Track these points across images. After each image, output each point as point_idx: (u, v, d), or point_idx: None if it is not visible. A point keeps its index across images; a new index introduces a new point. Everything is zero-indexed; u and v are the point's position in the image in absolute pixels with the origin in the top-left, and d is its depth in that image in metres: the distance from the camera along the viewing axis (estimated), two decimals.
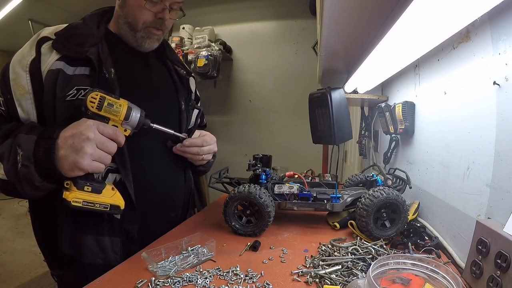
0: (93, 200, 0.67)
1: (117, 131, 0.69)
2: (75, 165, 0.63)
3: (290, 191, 0.88)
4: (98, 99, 0.67)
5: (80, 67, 0.76)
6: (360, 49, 0.86)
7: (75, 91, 0.74)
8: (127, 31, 0.86)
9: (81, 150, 0.63)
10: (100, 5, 0.93)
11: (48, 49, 0.75)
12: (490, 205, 0.61)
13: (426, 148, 0.96)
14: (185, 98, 0.99)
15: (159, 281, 0.60)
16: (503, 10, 0.56)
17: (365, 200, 0.80)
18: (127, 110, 0.70)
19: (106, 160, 0.67)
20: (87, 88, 0.74)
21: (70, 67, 0.75)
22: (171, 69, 0.99)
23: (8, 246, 2.89)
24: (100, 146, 0.66)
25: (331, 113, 0.93)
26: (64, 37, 0.77)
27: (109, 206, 0.69)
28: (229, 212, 0.84)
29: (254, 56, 3.05)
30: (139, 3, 0.81)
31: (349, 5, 0.64)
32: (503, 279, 0.49)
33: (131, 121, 0.71)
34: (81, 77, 0.76)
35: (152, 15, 0.83)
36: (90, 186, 0.67)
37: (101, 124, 0.67)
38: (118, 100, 0.69)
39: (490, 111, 0.61)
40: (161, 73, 0.96)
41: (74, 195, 0.65)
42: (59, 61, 0.75)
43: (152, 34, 0.86)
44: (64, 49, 0.75)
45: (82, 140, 0.63)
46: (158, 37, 0.89)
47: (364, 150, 1.82)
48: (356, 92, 1.46)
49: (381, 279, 0.48)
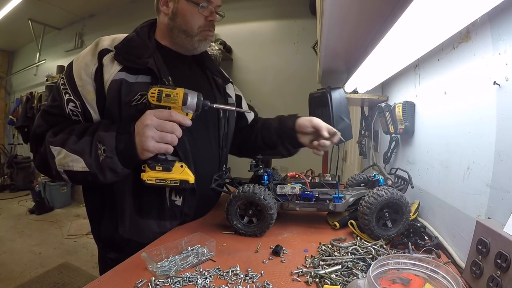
0: (164, 177, 0.79)
1: (172, 113, 0.77)
2: (143, 148, 0.76)
3: (292, 191, 0.88)
4: (157, 93, 0.77)
5: (141, 75, 0.86)
6: (360, 49, 0.86)
7: (139, 96, 0.83)
8: (183, 39, 0.95)
9: (144, 135, 0.75)
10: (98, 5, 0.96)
11: (110, 61, 0.85)
12: (490, 205, 0.61)
13: (426, 148, 0.96)
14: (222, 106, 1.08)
15: (159, 281, 0.59)
16: (503, 10, 0.56)
17: (369, 198, 0.79)
18: (184, 96, 0.78)
19: (169, 138, 0.77)
20: None
21: (131, 76, 0.85)
22: (210, 78, 1.08)
23: (8, 246, 2.90)
24: (159, 128, 0.76)
25: (331, 113, 0.93)
26: (123, 50, 0.86)
27: (179, 181, 0.79)
28: (232, 211, 0.84)
29: (254, 56, 3.05)
30: (192, 11, 0.91)
31: (349, 5, 0.64)
32: (503, 279, 0.49)
33: (190, 105, 0.79)
34: (144, 84, 0.85)
35: (204, 19, 0.93)
36: (161, 166, 0.79)
37: (157, 111, 0.77)
38: (174, 89, 0.78)
39: (490, 111, 0.61)
40: (202, 82, 1.06)
41: (148, 175, 0.78)
42: (121, 71, 0.84)
43: (207, 36, 0.97)
44: (126, 61, 0.85)
45: (143, 127, 0.75)
46: (211, 38, 1.00)
47: (364, 150, 1.82)
48: (356, 92, 1.46)
49: (381, 279, 0.48)
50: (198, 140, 0.96)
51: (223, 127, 1.06)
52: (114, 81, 0.84)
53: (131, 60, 0.85)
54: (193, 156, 0.91)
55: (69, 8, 4.31)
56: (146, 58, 0.86)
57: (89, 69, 0.84)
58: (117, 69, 0.84)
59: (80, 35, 4.63)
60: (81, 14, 4.48)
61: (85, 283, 0.60)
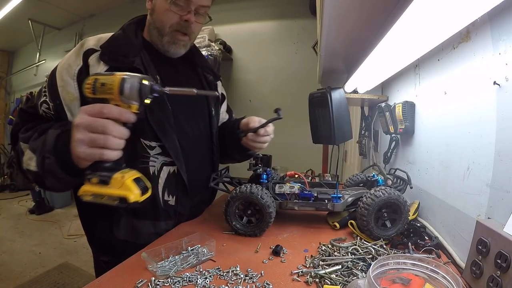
0: (101, 192, 0.59)
1: (104, 106, 0.59)
2: (76, 153, 0.61)
3: (291, 191, 0.88)
4: (92, 83, 0.59)
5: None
6: (360, 49, 0.86)
7: None
8: (156, 37, 0.90)
9: (73, 139, 0.61)
10: (98, 5, 0.96)
11: (96, 61, 0.81)
12: (490, 205, 0.61)
13: (426, 148, 0.96)
14: (214, 103, 1.05)
15: (159, 281, 0.59)
16: (504, 10, 0.56)
17: (367, 199, 0.80)
18: (119, 83, 0.58)
19: (101, 141, 0.59)
20: None
21: None
22: (201, 75, 1.04)
23: (8, 246, 2.89)
24: (89, 128, 0.60)
25: (331, 113, 0.93)
26: (109, 50, 0.82)
27: (117, 199, 0.59)
28: (231, 212, 0.84)
29: (254, 56, 3.05)
30: (165, 7, 0.84)
31: (349, 5, 0.64)
32: (503, 279, 0.49)
33: (129, 94, 0.58)
34: None
35: (178, 18, 0.86)
36: (98, 177, 0.59)
37: (89, 106, 0.60)
38: (111, 76, 0.59)
39: (490, 111, 0.61)
40: (192, 80, 1.02)
41: (84, 189, 0.59)
42: (108, 71, 0.79)
43: (178, 40, 0.89)
44: (112, 61, 0.81)
45: (73, 129, 0.61)
46: (184, 43, 0.91)
47: (364, 150, 1.82)
48: (356, 92, 1.46)
49: (381, 279, 0.48)
50: (190, 137, 0.95)
51: (215, 125, 1.05)
52: None
53: (117, 59, 0.81)
54: (186, 155, 0.89)
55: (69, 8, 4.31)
56: (132, 57, 0.82)
57: (71, 70, 0.80)
58: (103, 69, 0.80)
59: (80, 35, 4.63)
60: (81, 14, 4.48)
61: (85, 283, 0.60)
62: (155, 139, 0.85)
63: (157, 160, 0.87)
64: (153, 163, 0.86)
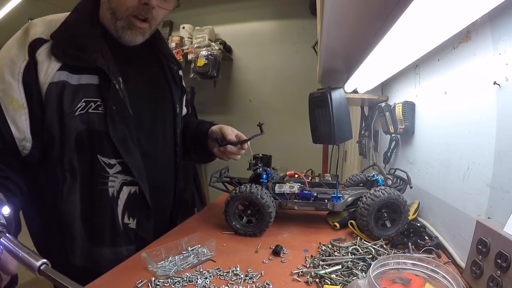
0: None
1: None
2: None
3: (291, 190, 0.88)
4: None
5: (86, 75, 0.68)
6: (360, 49, 0.86)
7: (84, 104, 0.67)
8: (109, 20, 0.73)
9: None
10: None
11: (46, 56, 0.65)
12: (490, 205, 0.61)
13: (426, 148, 0.96)
14: (179, 99, 0.95)
15: (159, 281, 0.59)
16: (504, 10, 0.56)
17: (367, 199, 0.80)
18: None
19: None
20: (97, 100, 0.69)
21: (74, 76, 0.67)
22: (165, 66, 0.90)
23: None
24: None
25: (331, 113, 0.93)
26: (63, 41, 0.67)
27: None
28: (230, 212, 0.84)
29: (254, 56, 3.05)
30: None
31: (349, 5, 0.64)
32: (503, 279, 0.49)
33: None
34: (89, 87, 0.68)
35: (137, 0, 0.71)
36: None
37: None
38: None
39: (490, 111, 0.61)
40: (156, 73, 0.89)
41: None
42: (61, 71, 0.66)
43: (134, 26, 0.73)
44: (67, 58, 0.66)
45: None
46: (142, 31, 0.76)
47: (364, 150, 1.82)
48: (356, 92, 1.46)
49: (381, 279, 0.48)
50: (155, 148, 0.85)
51: (179, 124, 0.95)
52: (54, 84, 0.65)
53: (73, 55, 0.66)
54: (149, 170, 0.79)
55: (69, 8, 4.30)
56: (92, 52, 0.67)
57: (15, 67, 0.64)
58: (55, 67, 0.65)
59: None
60: None
61: None
62: (115, 155, 0.73)
63: (117, 180, 0.75)
64: (112, 183, 0.74)
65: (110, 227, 0.77)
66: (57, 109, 0.66)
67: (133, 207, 0.79)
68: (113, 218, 0.76)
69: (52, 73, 0.65)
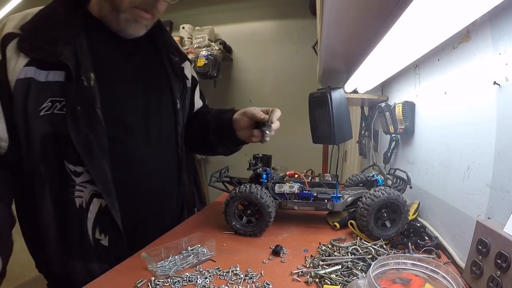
0: None
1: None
2: None
3: (291, 190, 0.88)
4: None
5: (53, 71, 0.63)
6: (360, 49, 0.86)
7: (50, 104, 0.62)
8: (108, 12, 0.69)
9: None
10: None
11: (14, 52, 0.61)
12: (490, 205, 0.61)
13: (426, 148, 0.96)
14: (180, 94, 0.87)
15: (159, 281, 0.59)
16: (504, 10, 0.56)
17: (366, 199, 0.80)
18: None
19: None
20: (62, 100, 0.62)
21: (42, 72, 0.62)
22: (164, 58, 0.84)
23: None
24: None
25: (331, 113, 0.93)
26: (32, 33, 0.62)
27: None
28: (230, 212, 0.84)
29: (254, 56, 3.05)
30: None
31: (349, 5, 0.64)
32: (503, 279, 0.49)
33: None
34: (55, 85, 0.62)
35: None
36: None
37: None
38: None
39: (490, 111, 0.61)
40: (152, 66, 0.83)
41: None
42: (28, 66, 0.61)
43: (140, 17, 0.70)
44: (33, 51, 0.61)
45: None
46: (146, 23, 0.73)
47: (364, 150, 1.82)
48: (356, 92, 1.46)
49: (381, 279, 0.48)
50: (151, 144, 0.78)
51: (181, 121, 0.87)
52: (20, 81, 0.60)
53: (41, 48, 0.61)
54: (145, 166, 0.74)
55: None
56: (61, 44, 0.62)
57: None
58: (22, 63, 0.60)
59: None
60: None
61: None
62: (81, 163, 0.66)
63: (85, 190, 0.68)
64: (80, 193, 0.67)
65: (80, 241, 0.70)
66: (22, 109, 0.61)
67: (106, 223, 0.70)
68: (81, 231, 0.69)
69: (19, 69, 0.61)
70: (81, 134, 0.64)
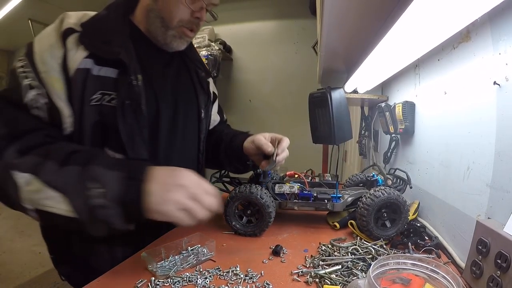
0: None
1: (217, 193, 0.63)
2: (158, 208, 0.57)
3: (291, 190, 0.88)
4: None
5: (106, 67, 0.70)
6: (360, 49, 0.86)
7: (100, 95, 0.69)
8: (157, 27, 0.79)
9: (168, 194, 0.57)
10: (98, 5, 0.89)
11: (74, 44, 0.68)
12: (490, 205, 0.61)
13: (426, 148, 0.96)
14: (205, 104, 0.94)
15: (159, 281, 0.59)
16: (504, 10, 0.56)
17: (366, 199, 0.80)
18: None
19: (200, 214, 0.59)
20: (111, 93, 0.70)
21: (96, 66, 0.69)
22: (192, 70, 0.93)
23: (7, 246, 2.89)
24: (193, 196, 0.59)
25: (331, 113, 0.93)
26: (91, 32, 0.70)
27: None
28: (230, 212, 0.84)
29: (254, 56, 3.05)
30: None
31: (350, 5, 0.64)
32: (503, 279, 0.49)
33: None
34: (107, 80, 0.70)
35: (189, 13, 0.78)
36: None
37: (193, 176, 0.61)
38: None
39: (490, 111, 0.61)
40: (183, 77, 0.91)
41: None
42: (87, 59, 0.68)
43: (185, 35, 0.81)
44: (93, 46, 0.69)
45: (173, 184, 0.58)
46: (188, 39, 0.84)
47: (364, 150, 1.82)
48: (356, 92, 1.46)
49: (381, 279, 0.48)
50: (173, 149, 0.84)
51: (204, 129, 0.94)
52: (80, 71, 0.67)
53: (98, 46, 0.69)
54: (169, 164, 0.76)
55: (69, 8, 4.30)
56: (116, 46, 0.70)
57: (56, 52, 0.67)
58: (82, 55, 0.68)
59: None
60: None
61: None
62: (121, 150, 0.71)
63: None
64: None
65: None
66: (80, 95, 0.68)
67: None
68: None
69: (79, 60, 0.68)
70: (127, 125, 0.71)
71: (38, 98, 0.65)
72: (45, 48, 0.67)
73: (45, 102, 0.66)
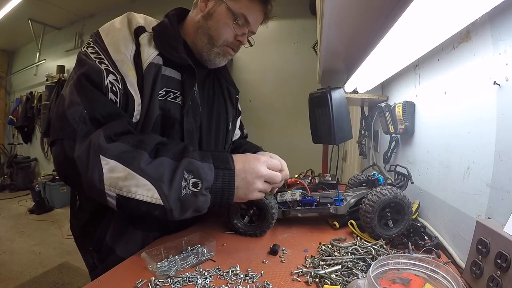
0: None
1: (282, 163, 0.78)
2: (244, 196, 0.71)
3: (293, 198, 0.87)
4: None
5: (171, 69, 0.78)
6: (360, 49, 0.86)
7: (164, 92, 0.76)
8: (204, 43, 0.85)
9: (253, 185, 0.70)
10: (98, 5, 0.91)
11: (148, 41, 0.75)
12: (490, 205, 0.61)
13: (426, 148, 0.96)
14: (233, 118, 1.02)
15: (159, 281, 0.59)
16: (504, 10, 0.56)
17: (372, 196, 0.79)
18: None
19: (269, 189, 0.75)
20: (177, 92, 0.78)
21: (163, 66, 0.76)
22: (224, 87, 1.01)
23: (7, 246, 2.89)
24: (269, 180, 0.73)
25: (331, 113, 0.93)
26: (161, 36, 0.77)
27: None
28: (232, 209, 0.84)
29: (254, 56, 3.05)
30: (226, 21, 0.82)
31: (350, 5, 0.64)
32: (503, 279, 0.49)
33: None
34: (172, 80, 0.78)
35: (233, 36, 0.85)
36: None
37: (269, 160, 0.74)
38: None
39: (490, 111, 0.61)
40: (216, 90, 0.98)
41: None
42: (159, 56, 0.75)
43: (228, 54, 0.88)
44: (163, 48, 0.76)
45: (254, 176, 0.70)
46: (229, 57, 0.91)
47: (364, 150, 1.82)
48: (356, 92, 1.46)
49: (381, 279, 0.48)
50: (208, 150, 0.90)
51: (230, 140, 1.02)
52: (153, 65, 0.74)
53: (167, 49, 0.76)
54: None
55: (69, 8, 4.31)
56: (183, 53, 0.78)
57: (129, 45, 0.73)
58: (155, 52, 0.75)
59: (80, 35, 4.63)
60: (81, 14, 4.48)
61: (85, 283, 0.60)
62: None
63: None
64: None
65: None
66: (150, 87, 0.73)
67: None
68: None
69: (152, 56, 0.74)
70: (189, 121, 0.81)
71: (114, 83, 0.69)
72: (119, 39, 0.73)
73: (119, 88, 0.70)
